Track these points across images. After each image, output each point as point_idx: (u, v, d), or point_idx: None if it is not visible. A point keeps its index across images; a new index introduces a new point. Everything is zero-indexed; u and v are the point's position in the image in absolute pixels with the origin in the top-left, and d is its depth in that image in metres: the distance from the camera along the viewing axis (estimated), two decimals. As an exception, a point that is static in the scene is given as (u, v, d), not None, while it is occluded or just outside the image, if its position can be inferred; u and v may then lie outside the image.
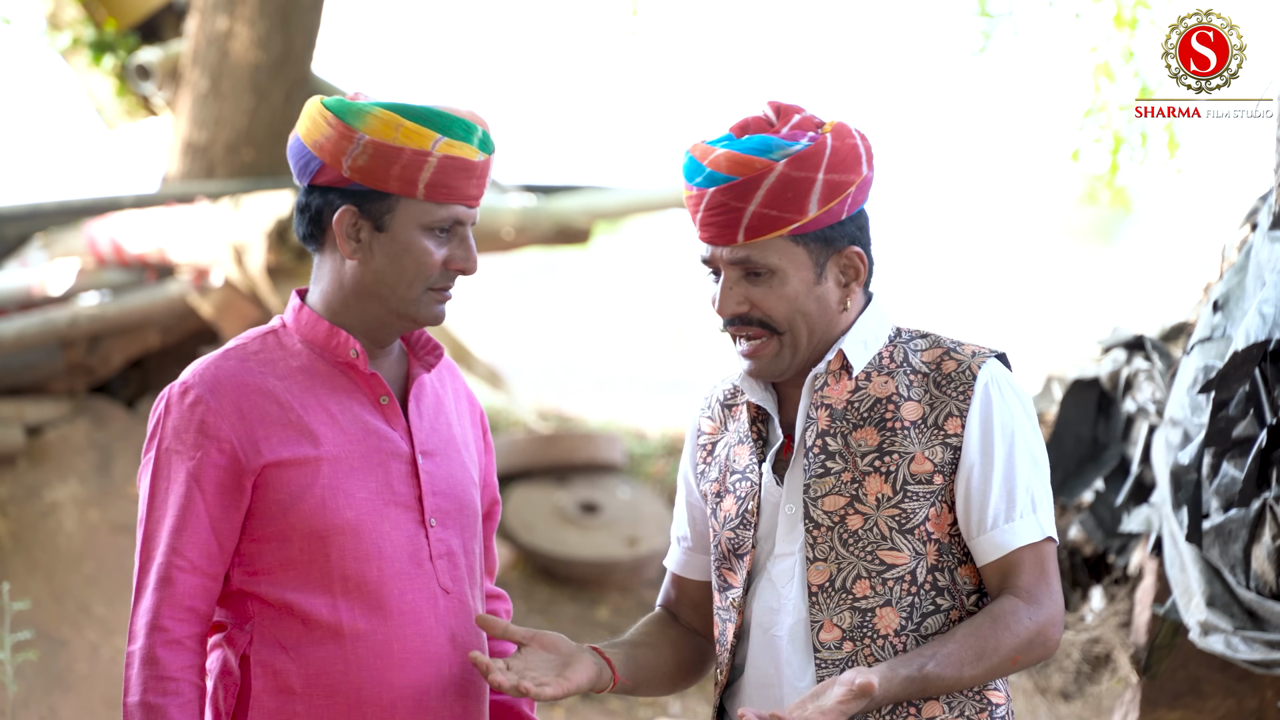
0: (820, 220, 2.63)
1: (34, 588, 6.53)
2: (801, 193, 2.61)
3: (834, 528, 2.62)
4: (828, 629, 2.62)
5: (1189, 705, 4.39)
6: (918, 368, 2.66)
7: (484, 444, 2.92)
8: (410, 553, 2.71)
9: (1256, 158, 4.31)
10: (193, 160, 7.43)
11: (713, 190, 2.64)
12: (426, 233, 2.70)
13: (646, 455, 8.89)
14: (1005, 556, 2.61)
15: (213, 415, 2.67)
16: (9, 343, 6.88)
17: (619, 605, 7.78)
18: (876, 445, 2.63)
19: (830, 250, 2.65)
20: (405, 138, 2.66)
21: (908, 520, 2.61)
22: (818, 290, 2.66)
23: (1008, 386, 2.65)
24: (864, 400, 2.66)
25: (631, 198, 8.59)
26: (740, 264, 2.65)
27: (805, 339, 2.66)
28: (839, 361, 2.67)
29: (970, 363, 2.64)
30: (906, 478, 2.62)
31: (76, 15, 8.00)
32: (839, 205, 2.64)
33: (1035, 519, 2.63)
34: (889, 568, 2.61)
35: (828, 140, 2.63)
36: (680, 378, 12.65)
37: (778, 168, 2.61)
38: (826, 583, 2.62)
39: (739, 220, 2.63)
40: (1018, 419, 2.64)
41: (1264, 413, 3.75)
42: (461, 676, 2.74)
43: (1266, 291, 3.77)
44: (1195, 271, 4.73)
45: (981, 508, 2.61)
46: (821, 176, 2.62)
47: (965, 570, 2.64)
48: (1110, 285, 15.98)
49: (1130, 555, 4.87)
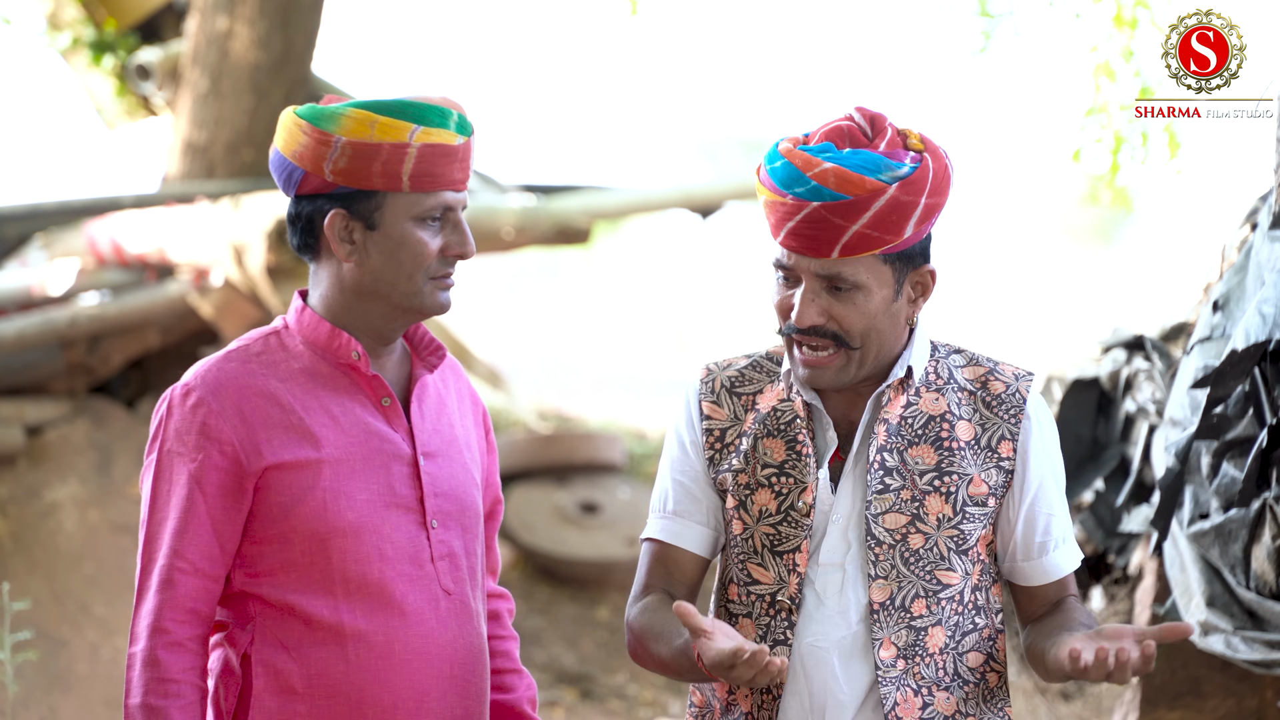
0: (910, 241, 2.63)
1: (34, 588, 6.53)
2: (904, 216, 2.59)
3: (895, 545, 2.63)
4: (886, 646, 2.63)
5: (1189, 705, 4.39)
6: (963, 385, 2.68)
7: (487, 444, 2.92)
8: (411, 554, 2.71)
9: (1256, 158, 4.30)
10: (193, 160, 7.43)
11: (817, 205, 2.58)
12: (418, 223, 2.70)
13: (646, 455, 8.89)
14: (1066, 577, 2.70)
15: (214, 417, 2.67)
16: (9, 343, 6.88)
17: (619, 605, 7.77)
18: (935, 465, 2.64)
19: (909, 268, 2.65)
20: (382, 133, 2.66)
21: (964, 541, 2.63)
22: (894, 308, 2.65)
23: (1047, 410, 2.71)
24: (917, 417, 2.66)
25: (631, 198, 8.59)
26: (827, 278, 2.61)
27: (874, 354, 2.65)
28: (904, 376, 2.67)
29: (1018, 386, 2.67)
30: (965, 499, 2.63)
31: (76, 15, 8.00)
32: (929, 226, 2.64)
33: (1072, 540, 2.71)
34: (944, 587, 2.63)
35: (929, 164, 2.61)
36: (680, 378, 12.64)
37: (890, 191, 2.58)
38: (887, 600, 2.63)
39: (838, 237, 2.58)
40: (1057, 446, 2.71)
41: (1264, 412, 3.75)
42: (463, 677, 2.75)
43: (1266, 291, 3.77)
44: (1195, 271, 4.73)
45: (1045, 531, 2.66)
46: (924, 201, 2.60)
47: (996, 589, 2.69)
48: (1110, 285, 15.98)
49: (1130, 555, 4.87)
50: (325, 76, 7.84)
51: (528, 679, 2.97)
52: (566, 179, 8.52)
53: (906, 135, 2.66)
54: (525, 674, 2.97)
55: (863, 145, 2.63)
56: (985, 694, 2.66)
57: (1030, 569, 2.67)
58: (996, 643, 2.68)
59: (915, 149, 2.64)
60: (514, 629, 3.00)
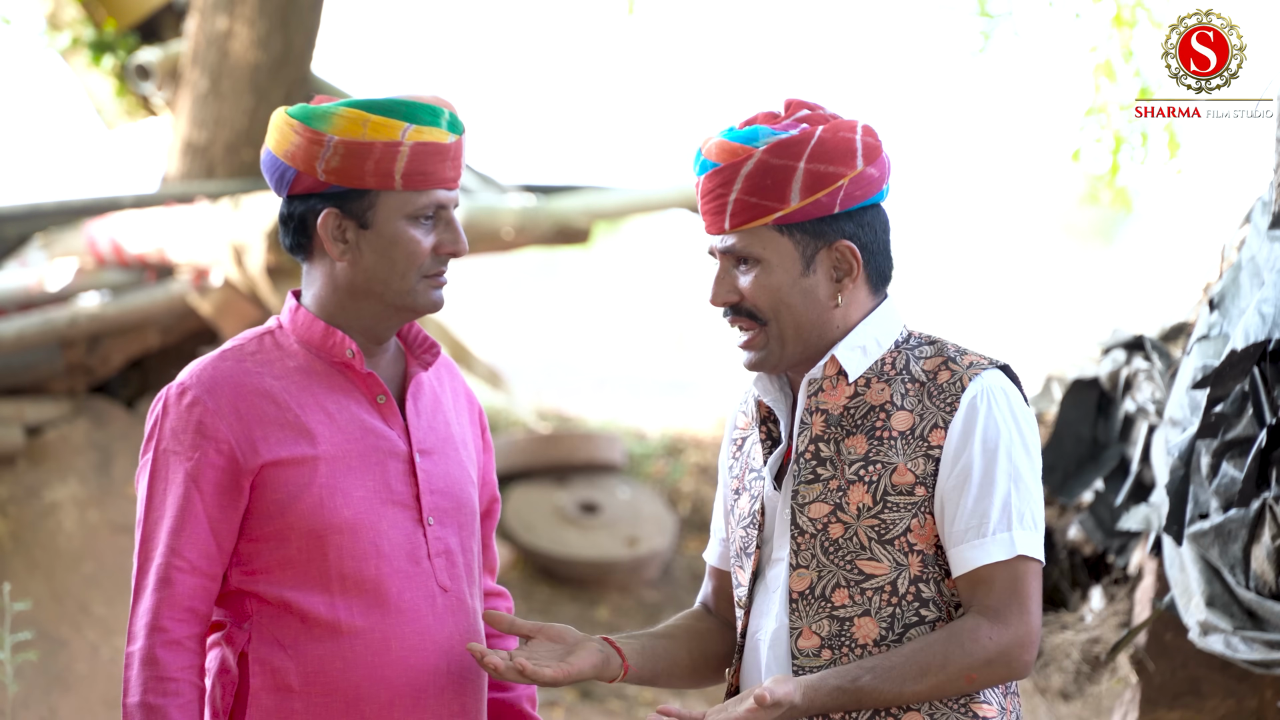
0: (807, 211, 2.62)
1: (34, 588, 6.53)
2: (781, 180, 2.60)
3: (817, 535, 2.61)
4: (806, 636, 2.61)
5: (1189, 705, 4.39)
6: (916, 376, 2.63)
7: (483, 442, 2.92)
8: (408, 551, 2.72)
9: (1256, 158, 4.30)
10: (192, 160, 7.43)
11: (703, 177, 2.66)
12: (411, 222, 2.70)
13: (646, 455, 8.89)
14: (974, 571, 2.56)
15: (210, 416, 2.67)
16: (9, 343, 6.88)
17: (619, 605, 7.78)
18: (864, 454, 2.61)
19: (820, 243, 2.63)
20: (374, 132, 2.67)
21: (887, 531, 2.59)
22: (804, 283, 2.63)
23: (1001, 398, 2.60)
24: (860, 407, 2.63)
25: (631, 198, 8.59)
26: (730, 253, 2.66)
27: (792, 332, 2.64)
28: (834, 366, 2.65)
29: (964, 374, 2.61)
30: (887, 488, 2.59)
31: (76, 15, 8.00)
32: (828, 198, 2.61)
33: (1010, 536, 2.56)
34: (867, 577, 2.59)
35: (816, 131, 2.62)
36: (680, 378, 12.65)
37: (756, 154, 2.61)
38: (807, 590, 2.61)
39: (724, 208, 2.63)
40: (1004, 433, 2.59)
41: (1263, 412, 3.75)
42: (460, 674, 2.75)
43: (1265, 291, 3.77)
44: (1195, 271, 4.73)
45: (954, 520, 2.57)
46: (803, 165, 2.60)
47: (951, 583, 2.61)
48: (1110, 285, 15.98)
49: (1130, 555, 4.87)
50: (325, 76, 7.84)
51: None
52: (566, 179, 8.52)
53: (827, 120, 2.66)
54: None
55: (766, 124, 2.66)
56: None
57: (950, 559, 2.59)
58: None
59: (816, 122, 2.65)
60: None
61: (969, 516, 2.56)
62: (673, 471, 8.80)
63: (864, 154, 2.64)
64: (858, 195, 2.64)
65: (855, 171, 2.63)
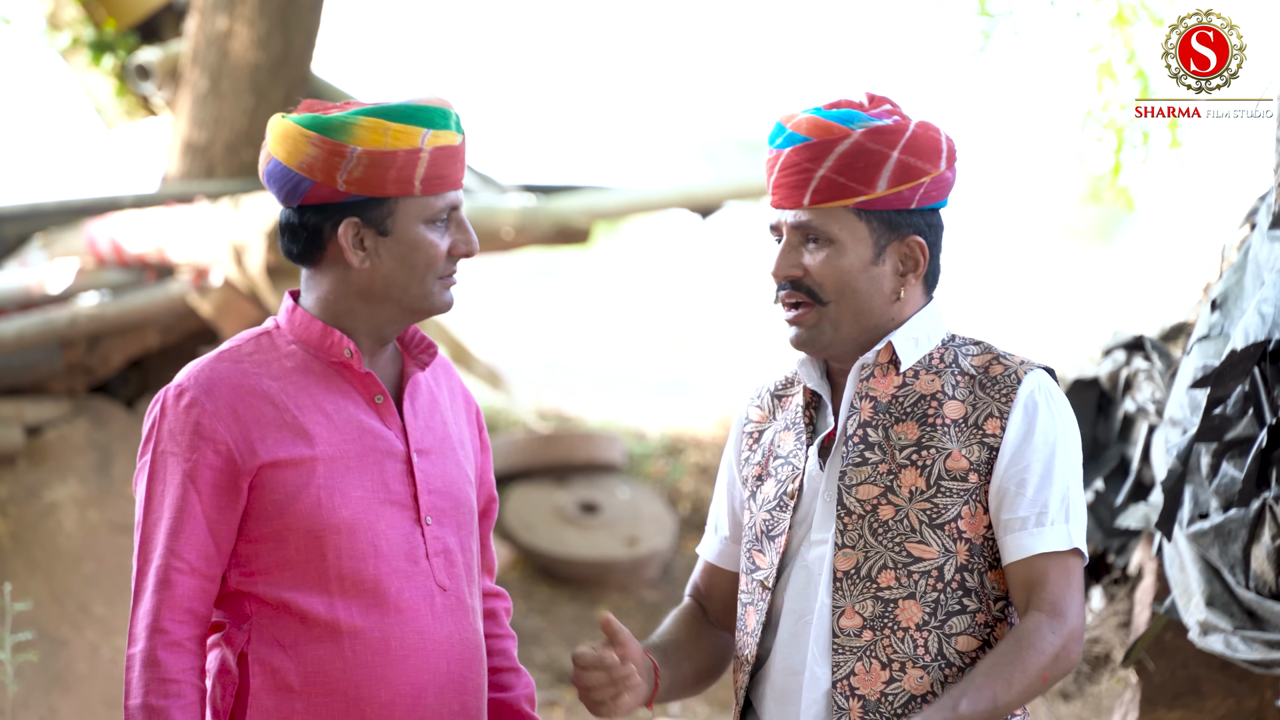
0: (889, 200, 2.65)
1: (34, 588, 6.53)
2: (873, 165, 2.63)
3: (865, 516, 2.62)
4: (849, 615, 2.62)
5: (1189, 705, 4.39)
6: (966, 370, 2.67)
7: (480, 442, 2.92)
8: (406, 550, 2.72)
9: (1256, 158, 4.30)
10: (192, 160, 7.43)
11: (789, 150, 2.66)
12: (429, 226, 2.72)
13: (646, 455, 8.89)
14: (1030, 559, 2.60)
15: (208, 417, 2.67)
16: (9, 343, 6.88)
17: (619, 605, 7.78)
18: (915, 440, 2.63)
19: (893, 235, 2.67)
20: (396, 140, 2.67)
21: (939, 515, 2.61)
22: (873, 270, 2.66)
23: (1057, 396, 2.66)
24: (909, 396, 2.66)
25: (631, 198, 8.58)
26: (802, 229, 2.67)
27: (850, 317, 2.66)
28: (888, 354, 2.67)
29: (1018, 369, 2.65)
30: (941, 473, 2.61)
31: (76, 15, 8.00)
32: (910, 191, 2.65)
33: (1066, 529, 2.61)
34: (916, 560, 2.60)
35: (909, 124, 2.66)
36: (680, 378, 12.65)
37: (854, 135, 2.63)
38: (852, 570, 2.62)
39: (808, 183, 2.64)
40: (1060, 430, 2.64)
41: (1264, 412, 3.75)
42: (459, 674, 2.75)
43: (1266, 291, 3.77)
44: (1195, 271, 4.73)
45: (1014, 508, 2.60)
46: (896, 155, 2.63)
47: (995, 575, 2.64)
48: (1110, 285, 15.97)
49: (1130, 555, 4.87)
50: (325, 77, 7.84)
51: (526, 677, 2.97)
52: (566, 179, 8.52)
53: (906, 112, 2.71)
54: (523, 672, 2.97)
55: (854, 108, 2.70)
56: None
57: (1003, 546, 2.62)
58: (995, 630, 2.63)
59: (900, 112, 2.69)
60: (513, 628, 3.00)
61: (1029, 505, 2.60)
62: (673, 471, 8.80)
63: (948, 156, 2.68)
64: (934, 195, 2.68)
65: (938, 171, 2.67)
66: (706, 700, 7.07)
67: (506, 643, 2.96)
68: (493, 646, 2.93)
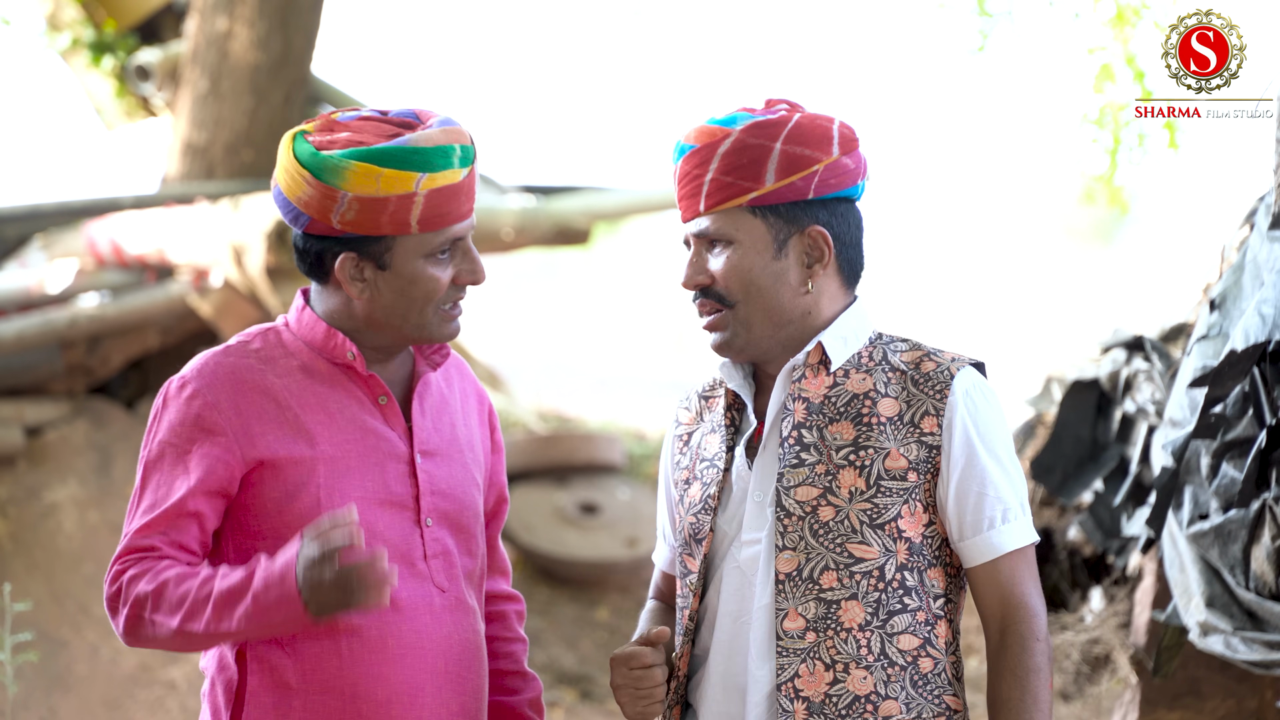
0: (781, 193, 2.65)
1: (33, 588, 6.53)
2: (757, 160, 2.64)
3: (805, 518, 2.63)
4: (792, 618, 2.62)
5: (1189, 706, 4.39)
6: (897, 366, 2.67)
7: (492, 442, 2.92)
8: (404, 552, 2.72)
9: (1256, 158, 4.30)
10: (192, 161, 7.43)
11: (680, 161, 2.70)
12: (429, 260, 2.70)
13: (646, 456, 8.89)
14: (1000, 559, 2.63)
15: (209, 410, 2.67)
16: (9, 343, 6.88)
17: (618, 606, 7.77)
18: (852, 440, 2.63)
19: (793, 228, 2.67)
20: (388, 186, 2.65)
21: (879, 515, 2.62)
22: (775, 266, 2.67)
23: (989, 393, 2.67)
24: (841, 395, 2.66)
25: (631, 198, 8.59)
26: (703, 236, 2.69)
27: (759, 315, 2.68)
28: (818, 355, 2.68)
29: (949, 365, 2.66)
30: (881, 473, 2.62)
31: (76, 16, 8.00)
32: (802, 182, 2.65)
33: (1026, 522, 2.66)
34: (857, 561, 2.61)
35: (793, 116, 2.67)
36: (680, 378, 12.65)
37: (734, 133, 2.65)
38: (794, 572, 2.63)
39: (700, 189, 2.67)
40: (998, 426, 2.66)
41: (1263, 413, 3.75)
42: (458, 673, 2.75)
43: (1265, 292, 3.77)
44: (1195, 271, 4.73)
45: (976, 509, 2.62)
46: (779, 146, 2.64)
47: (934, 573, 2.65)
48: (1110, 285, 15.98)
49: (1130, 556, 4.87)
50: (325, 77, 7.84)
51: (534, 682, 2.96)
52: (566, 179, 8.52)
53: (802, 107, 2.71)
54: (531, 676, 2.96)
55: (744, 111, 2.71)
56: (916, 678, 2.62)
57: (966, 548, 2.64)
58: (936, 628, 2.64)
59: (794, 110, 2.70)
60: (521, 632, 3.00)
61: (993, 504, 2.62)
62: (673, 472, 8.79)
63: (840, 143, 2.67)
64: (832, 184, 2.67)
65: (830, 158, 2.66)
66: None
67: (515, 646, 2.96)
68: (501, 649, 2.93)
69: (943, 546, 2.66)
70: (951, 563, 2.68)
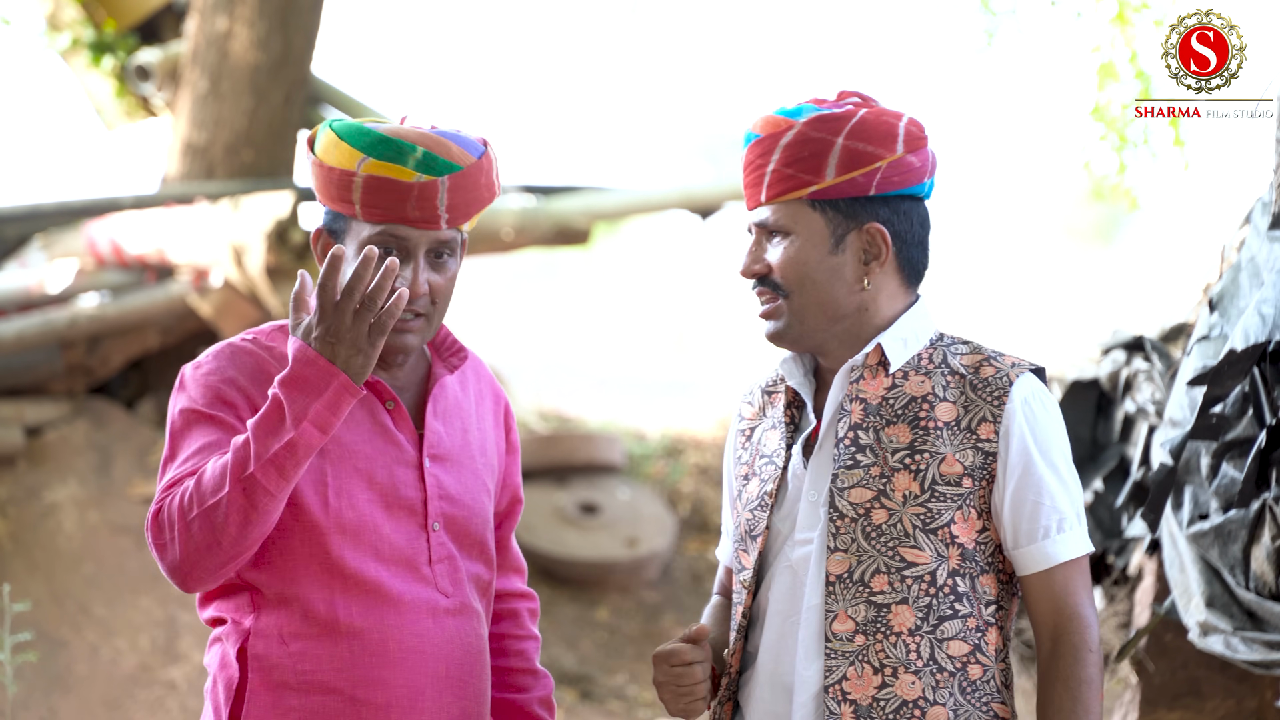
0: (841, 189, 2.64)
1: (33, 589, 6.53)
2: (818, 153, 2.63)
3: (858, 520, 2.62)
4: (841, 620, 2.62)
5: (1189, 706, 4.39)
6: (956, 369, 2.66)
7: (508, 444, 2.92)
8: (409, 555, 2.73)
9: (1256, 158, 4.30)
10: (192, 161, 7.43)
11: (746, 149, 2.70)
12: (364, 249, 2.66)
13: (646, 456, 8.89)
14: (1054, 569, 2.62)
15: (226, 385, 2.70)
16: (9, 343, 6.88)
17: (618, 606, 7.77)
18: (908, 443, 2.63)
19: (851, 224, 2.65)
20: (336, 158, 2.70)
21: (932, 520, 2.61)
22: (832, 261, 2.66)
23: (1048, 401, 2.66)
24: (899, 397, 2.65)
25: (631, 198, 8.59)
26: (763, 225, 2.69)
27: (813, 308, 2.66)
28: (877, 356, 2.67)
29: (1009, 371, 2.64)
30: (935, 478, 2.61)
31: (76, 16, 8.00)
32: (864, 178, 2.63)
33: (1081, 532, 2.64)
34: (909, 565, 2.61)
35: (858, 111, 2.65)
36: (680, 378, 12.65)
37: (797, 125, 2.64)
38: (845, 574, 2.62)
39: (763, 179, 2.67)
40: (1057, 435, 2.65)
41: (1263, 413, 3.75)
42: (459, 678, 2.75)
43: (1265, 292, 3.77)
44: (1195, 271, 4.73)
45: (1032, 518, 2.61)
46: (841, 141, 2.63)
47: (986, 579, 2.64)
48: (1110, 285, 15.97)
49: (1130, 556, 4.86)
50: (325, 77, 7.84)
51: (544, 679, 2.96)
52: (566, 179, 8.53)
53: (872, 101, 2.71)
54: (542, 674, 2.96)
55: (812, 103, 2.71)
56: (965, 685, 2.61)
57: (1020, 556, 2.63)
58: (986, 635, 2.63)
59: (863, 105, 2.69)
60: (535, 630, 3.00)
61: (1046, 514, 2.61)
62: (672, 472, 8.80)
63: (905, 141, 2.66)
64: (895, 181, 2.66)
65: (894, 156, 2.65)
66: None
67: (527, 644, 2.96)
68: (512, 647, 2.93)
69: (996, 553, 2.65)
70: (1004, 569, 2.66)
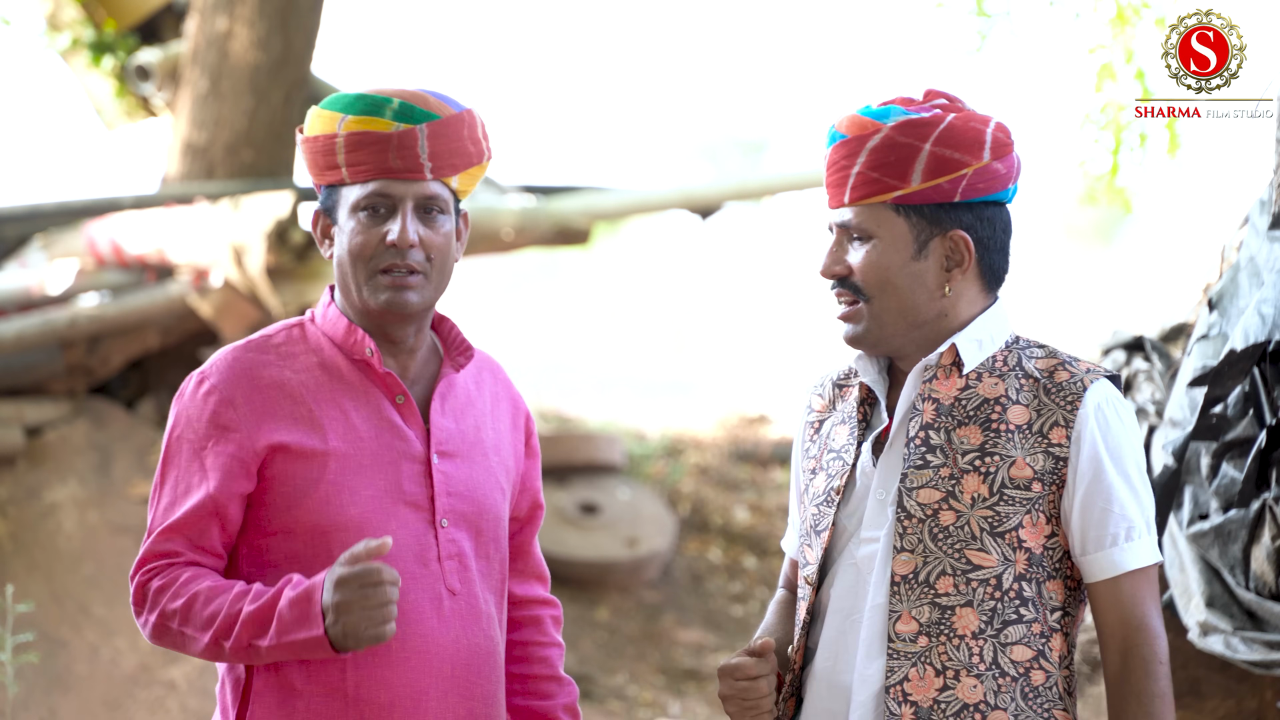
0: (927, 194, 2.62)
1: (33, 589, 6.53)
2: (904, 159, 2.61)
3: (925, 520, 2.60)
4: (905, 620, 2.60)
5: (1189, 706, 4.39)
6: (1030, 373, 2.64)
7: (527, 448, 2.91)
8: (417, 553, 2.71)
9: (1256, 158, 4.30)
10: (192, 161, 7.43)
11: (831, 149, 2.67)
12: (355, 213, 2.71)
13: (646, 456, 8.89)
14: (1121, 578, 2.60)
15: (224, 406, 2.69)
16: (9, 343, 6.88)
17: (618, 606, 7.77)
18: (979, 445, 2.61)
19: (935, 230, 2.64)
20: (319, 126, 2.72)
21: (1000, 523, 2.59)
22: (914, 266, 2.64)
23: (1122, 408, 2.64)
24: (972, 399, 2.63)
25: (631, 198, 8.58)
26: (845, 227, 2.66)
27: (893, 313, 2.64)
28: (950, 356, 2.65)
29: (1083, 376, 2.62)
30: (1005, 481, 2.59)
31: (76, 16, 7.99)
32: (949, 184, 2.61)
33: (1150, 540, 2.62)
34: (975, 568, 2.59)
35: (947, 117, 2.63)
36: (680, 378, 12.65)
37: (884, 129, 2.62)
38: (910, 574, 2.60)
39: (846, 180, 2.64)
40: (1130, 440, 2.63)
41: (1263, 413, 3.75)
42: (465, 678, 2.74)
43: (1265, 291, 3.77)
44: (1195, 271, 4.73)
45: (1100, 525, 2.59)
46: (929, 147, 2.61)
47: (1053, 585, 2.62)
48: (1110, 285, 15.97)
49: (1130, 556, 4.87)
50: (325, 77, 7.83)
51: (569, 686, 2.96)
52: (566, 179, 8.52)
53: (960, 105, 2.68)
54: (567, 681, 2.96)
55: (901, 105, 2.67)
56: (1027, 690, 2.59)
57: (1088, 563, 2.61)
58: (1051, 641, 2.61)
59: (950, 109, 2.66)
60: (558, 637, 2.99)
61: (1117, 520, 2.59)
62: (673, 472, 8.80)
63: (992, 147, 2.63)
64: (980, 188, 2.64)
65: (981, 163, 2.63)
66: (707, 701, 7.08)
67: (550, 650, 2.95)
68: (535, 654, 2.92)
69: (1064, 559, 2.63)
70: (1072, 576, 2.64)
